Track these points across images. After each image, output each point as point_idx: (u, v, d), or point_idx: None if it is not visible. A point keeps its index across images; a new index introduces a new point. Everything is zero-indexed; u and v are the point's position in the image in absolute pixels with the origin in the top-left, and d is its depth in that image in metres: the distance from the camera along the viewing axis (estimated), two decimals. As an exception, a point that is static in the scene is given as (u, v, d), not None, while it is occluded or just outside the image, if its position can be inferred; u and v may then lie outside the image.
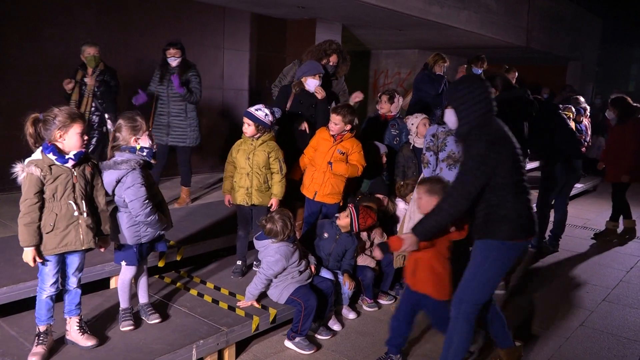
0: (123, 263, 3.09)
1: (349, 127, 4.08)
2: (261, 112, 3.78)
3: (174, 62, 5.14)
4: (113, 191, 2.96)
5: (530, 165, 8.05)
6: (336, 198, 4.18)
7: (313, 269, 3.63)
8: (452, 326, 2.83)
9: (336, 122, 4.05)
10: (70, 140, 2.63)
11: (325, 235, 3.89)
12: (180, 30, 7.06)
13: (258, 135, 3.81)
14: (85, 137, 2.70)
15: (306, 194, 4.19)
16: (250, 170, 3.81)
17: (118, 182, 2.91)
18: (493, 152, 2.63)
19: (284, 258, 3.41)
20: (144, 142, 2.97)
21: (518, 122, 4.34)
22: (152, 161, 3.02)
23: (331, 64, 4.78)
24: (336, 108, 4.13)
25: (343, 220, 3.82)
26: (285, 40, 8.30)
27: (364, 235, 4.11)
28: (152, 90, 5.23)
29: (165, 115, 5.22)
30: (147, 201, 2.93)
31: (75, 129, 2.64)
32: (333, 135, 4.11)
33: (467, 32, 8.81)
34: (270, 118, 3.83)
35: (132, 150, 2.95)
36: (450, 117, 2.86)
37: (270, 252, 3.44)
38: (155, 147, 3.06)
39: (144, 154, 2.96)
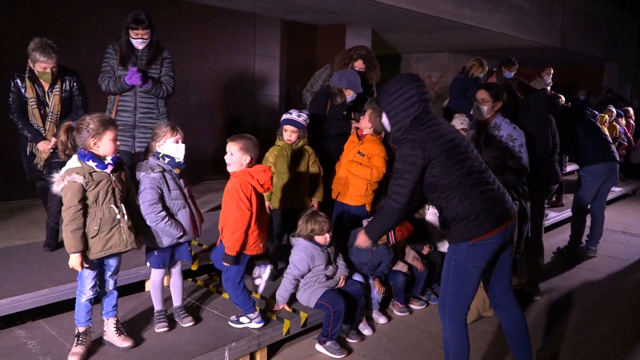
0: (148, 264, 3.17)
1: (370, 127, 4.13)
2: (302, 117, 3.87)
3: (141, 44, 3.94)
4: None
5: (569, 167, 7.89)
6: (357, 201, 4.16)
7: (342, 282, 3.59)
8: (444, 335, 2.80)
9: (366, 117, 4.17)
10: (104, 146, 2.70)
11: None
12: (211, 37, 7.20)
13: (298, 140, 3.88)
14: (118, 143, 2.77)
15: (333, 196, 4.23)
16: (293, 174, 3.86)
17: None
18: (420, 153, 2.52)
19: (308, 257, 3.45)
20: (170, 150, 3.02)
21: (544, 124, 4.26)
22: (175, 170, 3.07)
23: (357, 69, 4.78)
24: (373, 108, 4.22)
25: None
26: (316, 45, 8.35)
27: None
28: (113, 86, 3.95)
29: (130, 112, 4.03)
30: (153, 206, 2.95)
31: (108, 136, 2.70)
32: (359, 136, 4.17)
33: (499, 34, 8.69)
34: (308, 121, 3.92)
35: (157, 155, 3.04)
36: (384, 121, 2.76)
37: (296, 251, 3.51)
38: (181, 159, 3.06)
39: (166, 161, 3.03)
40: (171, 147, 3.02)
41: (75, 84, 3.84)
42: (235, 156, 3.01)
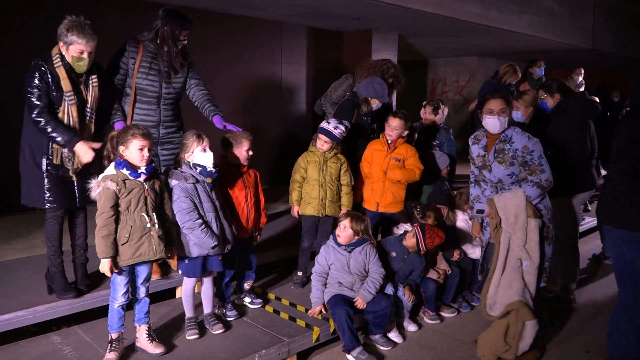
0: (179, 272, 3.20)
1: (406, 132, 4.13)
2: (339, 130, 3.85)
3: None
4: None
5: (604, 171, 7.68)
6: (399, 207, 4.17)
7: (360, 305, 3.46)
8: None
9: (397, 126, 4.07)
10: (131, 154, 2.75)
11: (393, 254, 3.80)
12: (238, 46, 7.29)
13: (330, 149, 3.89)
14: (147, 153, 2.78)
15: (368, 207, 4.18)
16: (324, 181, 3.88)
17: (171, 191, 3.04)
18: None
19: (325, 253, 3.52)
20: (199, 159, 3.06)
21: (583, 129, 4.17)
22: (207, 180, 3.09)
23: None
24: (395, 112, 4.14)
25: (409, 240, 3.74)
26: (342, 52, 8.37)
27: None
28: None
29: (154, 127, 3.53)
30: (190, 214, 2.99)
31: (135, 145, 2.74)
32: (388, 143, 4.12)
33: (528, 36, 8.55)
34: (344, 133, 3.91)
35: (189, 165, 3.08)
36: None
37: (321, 249, 3.61)
38: (213, 168, 3.09)
39: (198, 171, 3.06)
40: (200, 155, 3.06)
41: (105, 79, 3.28)
42: None
